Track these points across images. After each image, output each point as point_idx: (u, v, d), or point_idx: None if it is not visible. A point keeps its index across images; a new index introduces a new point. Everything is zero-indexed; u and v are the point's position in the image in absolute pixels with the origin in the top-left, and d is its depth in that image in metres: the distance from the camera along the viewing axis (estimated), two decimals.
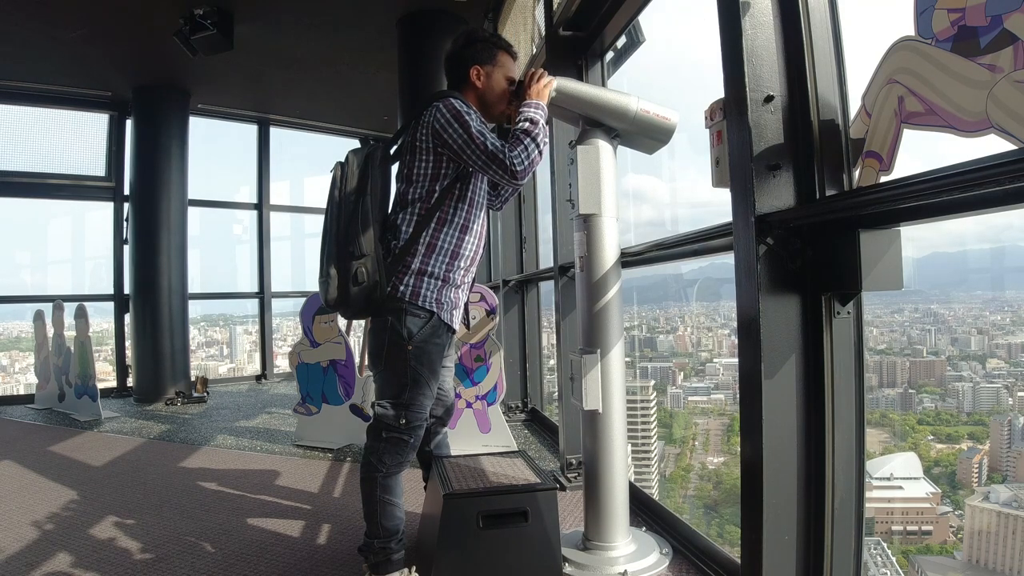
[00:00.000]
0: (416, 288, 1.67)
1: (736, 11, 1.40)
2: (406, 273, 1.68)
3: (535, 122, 1.70)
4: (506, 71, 1.83)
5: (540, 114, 1.73)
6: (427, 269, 1.69)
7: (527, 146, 1.65)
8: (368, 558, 1.76)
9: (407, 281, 1.67)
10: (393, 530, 1.75)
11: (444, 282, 1.71)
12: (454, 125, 1.64)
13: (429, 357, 1.70)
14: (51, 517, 2.48)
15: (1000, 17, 0.97)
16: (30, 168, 5.60)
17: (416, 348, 1.67)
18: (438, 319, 1.70)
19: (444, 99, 1.69)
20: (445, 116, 1.65)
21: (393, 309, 1.67)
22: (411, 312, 1.67)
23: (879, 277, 1.26)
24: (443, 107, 1.66)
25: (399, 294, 1.67)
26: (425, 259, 1.69)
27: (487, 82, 1.80)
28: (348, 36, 4.70)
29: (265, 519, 2.44)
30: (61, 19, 4.21)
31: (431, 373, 1.72)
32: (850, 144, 1.36)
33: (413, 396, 1.70)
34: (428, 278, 1.69)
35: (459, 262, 1.74)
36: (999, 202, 1.00)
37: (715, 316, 3.50)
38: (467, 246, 1.75)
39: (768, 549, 1.35)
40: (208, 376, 5.83)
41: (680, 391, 3.57)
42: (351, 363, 3.55)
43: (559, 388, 3.49)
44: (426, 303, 1.68)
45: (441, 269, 1.70)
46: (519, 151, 1.64)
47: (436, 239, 1.70)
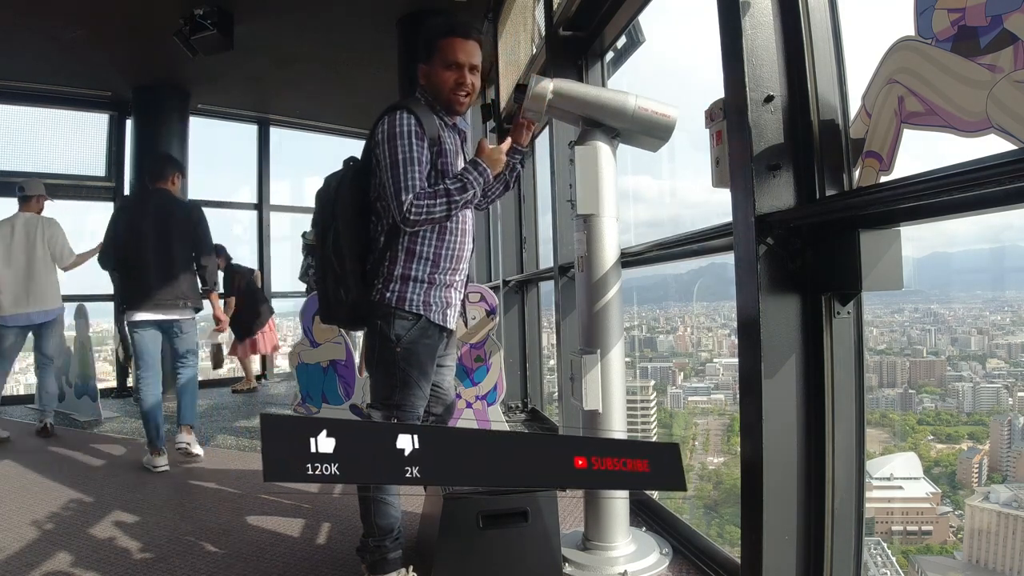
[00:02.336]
0: (402, 293, 1.69)
1: (736, 11, 1.40)
2: (391, 280, 1.69)
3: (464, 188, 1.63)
4: (445, 56, 1.70)
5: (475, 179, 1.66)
6: (410, 274, 1.69)
7: (438, 202, 1.60)
8: (365, 558, 1.77)
9: (392, 287, 1.69)
10: (387, 528, 1.75)
11: (430, 284, 1.72)
12: (384, 145, 1.63)
13: (418, 358, 1.71)
14: (51, 517, 2.47)
15: (1000, 17, 0.97)
16: (30, 168, 5.59)
17: (404, 350, 1.69)
18: (426, 321, 1.71)
19: (391, 112, 1.66)
20: (384, 133, 1.64)
21: (382, 314, 1.69)
22: (399, 316, 1.68)
23: (879, 277, 1.26)
24: (386, 123, 1.65)
25: (386, 300, 1.68)
26: (407, 265, 1.69)
27: (428, 80, 1.75)
28: (348, 36, 4.70)
29: (265, 519, 2.44)
30: (61, 19, 4.20)
31: (421, 374, 1.72)
32: (850, 144, 1.36)
33: (403, 397, 1.71)
34: (413, 283, 1.69)
35: (443, 263, 1.73)
36: (999, 202, 1.00)
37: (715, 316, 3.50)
38: (448, 247, 1.74)
39: (768, 549, 1.35)
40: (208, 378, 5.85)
41: (680, 391, 3.57)
42: (351, 363, 3.56)
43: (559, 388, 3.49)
44: (412, 307, 1.69)
45: (424, 273, 1.71)
46: (427, 204, 1.59)
47: (414, 244, 1.69)
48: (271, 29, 4.58)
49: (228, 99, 6.13)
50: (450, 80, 1.71)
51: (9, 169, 5.50)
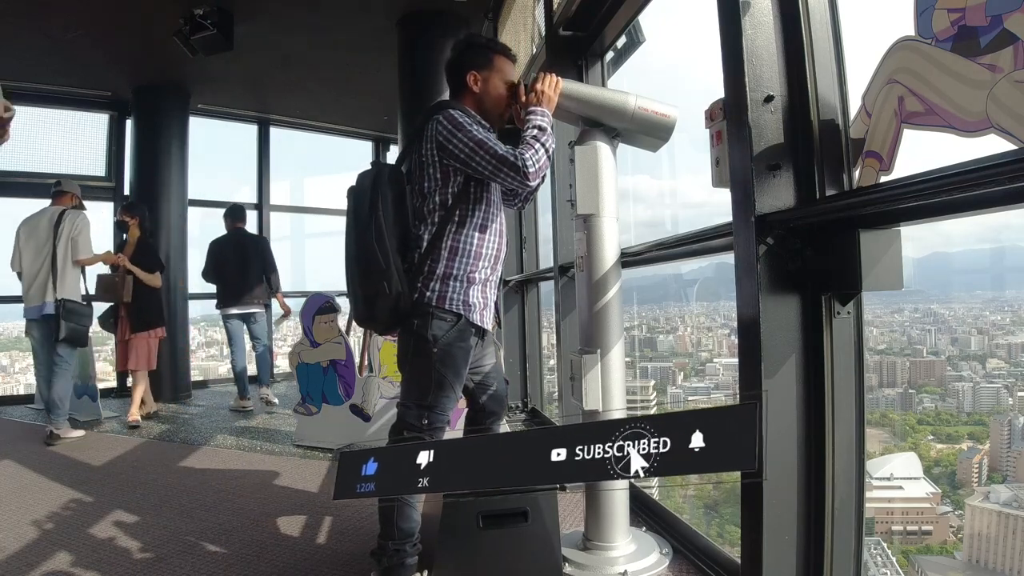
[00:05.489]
0: (442, 292, 1.68)
1: (736, 11, 1.41)
2: (431, 279, 1.69)
3: (543, 129, 1.71)
4: (503, 75, 1.83)
5: (548, 122, 1.74)
6: (451, 272, 1.69)
7: (537, 150, 1.66)
8: (381, 561, 1.74)
9: (432, 286, 1.68)
10: (408, 532, 1.73)
11: (470, 283, 1.71)
12: (457, 135, 1.65)
13: (454, 360, 1.70)
14: (51, 517, 2.47)
15: (1000, 17, 0.97)
16: (30, 168, 5.59)
17: (441, 351, 1.68)
18: (465, 322, 1.70)
19: (443, 111, 1.70)
20: (447, 127, 1.66)
21: (420, 313, 1.68)
22: (437, 316, 1.68)
23: (879, 277, 1.26)
24: (443, 119, 1.67)
25: (425, 299, 1.68)
26: (449, 263, 1.69)
27: (484, 87, 1.80)
28: (348, 36, 4.69)
29: (265, 519, 2.44)
30: (61, 19, 4.20)
31: (455, 376, 1.72)
32: (850, 144, 1.36)
33: (437, 398, 1.71)
34: (453, 281, 1.69)
35: (482, 262, 1.74)
36: (999, 202, 1.00)
37: (715, 316, 3.50)
38: (488, 245, 1.76)
39: (768, 549, 1.35)
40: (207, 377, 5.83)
41: (680, 391, 3.56)
42: (351, 363, 3.55)
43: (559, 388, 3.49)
44: (452, 306, 1.69)
45: (464, 271, 1.71)
46: (531, 153, 1.64)
47: (457, 242, 1.70)
48: (271, 29, 4.58)
49: (228, 99, 6.12)
50: (505, 95, 1.82)
51: (9, 169, 5.49)
